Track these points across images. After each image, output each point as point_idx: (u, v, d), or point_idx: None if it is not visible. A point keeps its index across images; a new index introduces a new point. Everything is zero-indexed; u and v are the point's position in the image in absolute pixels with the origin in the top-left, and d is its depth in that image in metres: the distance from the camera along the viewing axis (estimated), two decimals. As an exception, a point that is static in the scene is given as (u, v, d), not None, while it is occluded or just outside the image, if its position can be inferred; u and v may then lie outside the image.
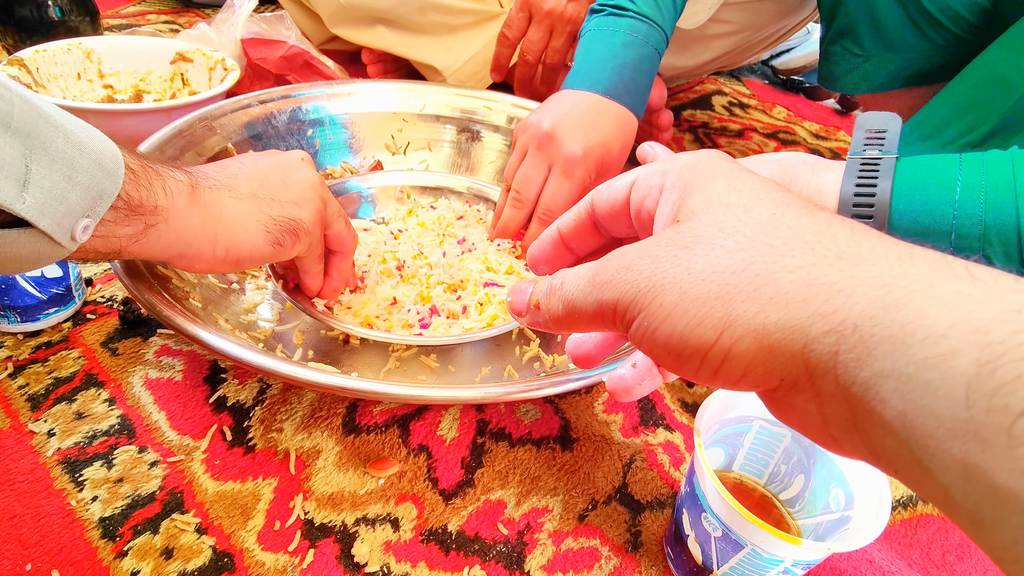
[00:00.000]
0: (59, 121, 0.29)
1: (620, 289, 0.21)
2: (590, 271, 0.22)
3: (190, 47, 0.76)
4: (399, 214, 0.64)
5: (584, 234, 0.28)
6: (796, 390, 0.18)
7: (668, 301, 0.19)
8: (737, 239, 0.19)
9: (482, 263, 0.56)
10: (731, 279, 0.18)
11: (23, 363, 0.44)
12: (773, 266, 0.18)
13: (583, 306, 0.22)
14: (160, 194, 0.33)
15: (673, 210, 0.22)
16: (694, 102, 1.10)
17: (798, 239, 0.19)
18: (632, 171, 0.25)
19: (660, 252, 0.20)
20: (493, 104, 0.73)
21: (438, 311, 0.52)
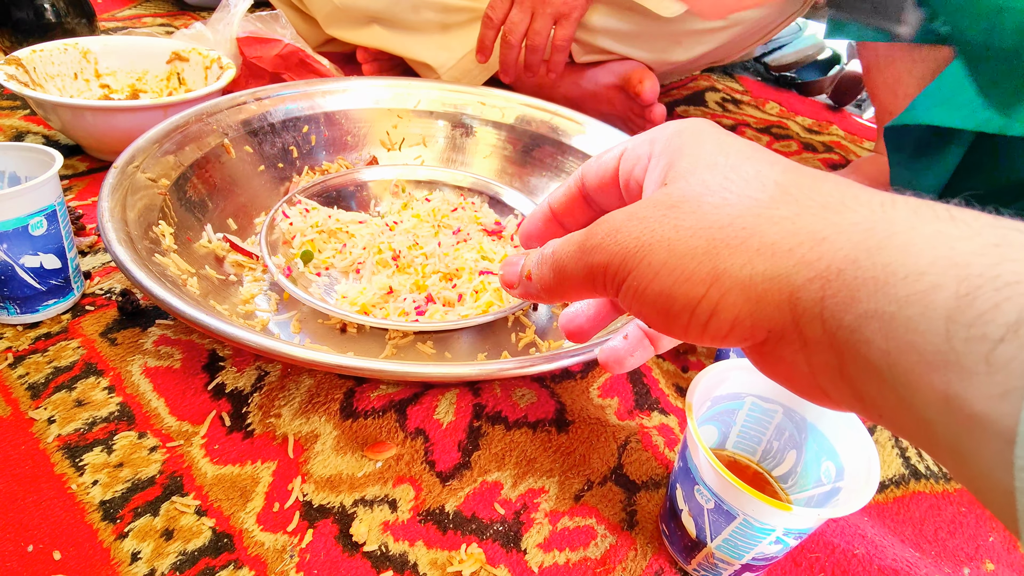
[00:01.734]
0: None
1: (609, 251, 0.21)
2: (579, 237, 0.23)
3: (186, 46, 0.76)
4: (394, 207, 0.65)
5: (575, 208, 0.28)
6: (784, 341, 0.18)
7: (656, 260, 0.20)
8: (724, 195, 0.20)
9: (477, 252, 0.57)
10: (718, 234, 0.19)
11: (23, 353, 0.45)
12: (759, 219, 0.19)
13: (574, 272, 0.23)
14: None
15: (661, 175, 0.22)
16: (687, 98, 1.11)
17: (783, 192, 0.19)
18: (620, 142, 0.26)
19: (648, 213, 0.21)
20: (486, 99, 0.74)
21: (434, 299, 0.52)
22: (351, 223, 0.59)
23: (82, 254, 0.54)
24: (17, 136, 0.71)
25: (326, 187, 0.62)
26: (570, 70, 0.93)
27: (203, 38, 0.77)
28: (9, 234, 0.43)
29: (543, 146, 0.72)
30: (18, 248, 0.43)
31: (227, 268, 0.53)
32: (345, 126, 0.71)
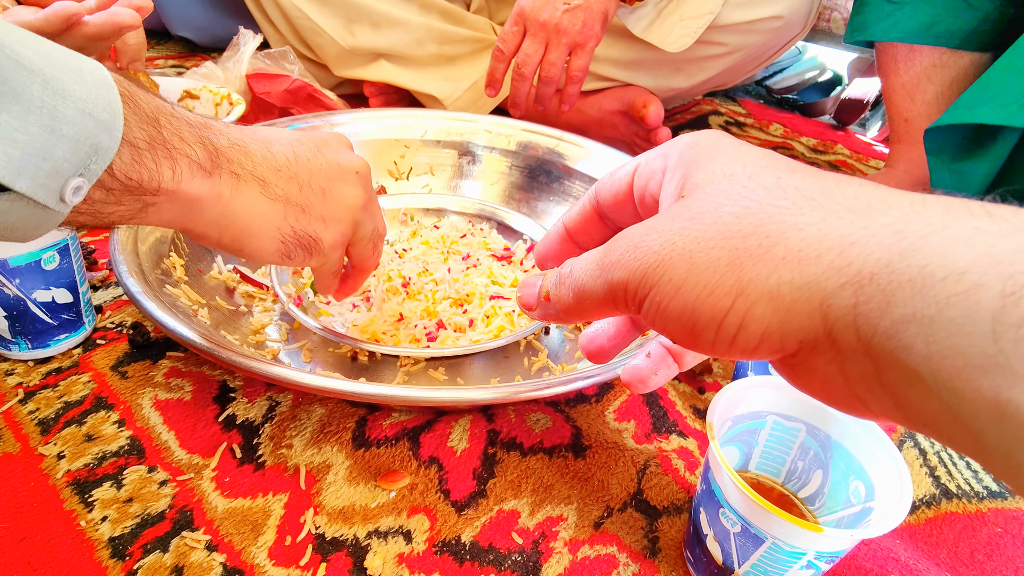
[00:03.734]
0: (35, 65, 0.24)
1: (629, 268, 0.20)
2: (598, 254, 0.22)
3: (197, 84, 0.78)
4: (403, 236, 0.65)
5: (590, 227, 0.28)
6: (816, 351, 0.18)
7: (678, 274, 0.19)
8: (744, 204, 0.19)
9: (487, 277, 0.57)
10: (741, 243, 0.18)
11: (33, 389, 0.44)
12: (783, 226, 0.18)
13: (593, 290, 0.22)
14: (167, 175, 0.28)
15: (677, 188, 0.22)
16: (690, 122, 1.12)
17: (806, 198, 0.19)
18: (634, 158, 0.26)
19: (667, 226, 0.20)
20: (492, 127, 0.75)
21: (445, 325, 0.52)
22: (361, 252, 0.59)
23: (94, 289, 0.54)
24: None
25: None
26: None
27: (214, 76, 0.79)
28: (21, 269, 0.43)
29: (549, 171, 0.72)
30: (30, 283, 0.43)
31: (237, 299, 0.53)
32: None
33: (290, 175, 0.35)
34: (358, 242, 0.41)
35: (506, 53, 0.74)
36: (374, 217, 0.41)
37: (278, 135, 0.36)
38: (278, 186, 0.34)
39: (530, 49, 0.72)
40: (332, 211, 0.37)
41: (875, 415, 0.18)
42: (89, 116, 0.25)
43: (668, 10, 0.83)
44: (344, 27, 0.87)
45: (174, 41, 1.23)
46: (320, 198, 0.36)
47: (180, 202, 0.30)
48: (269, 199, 0.34)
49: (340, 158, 0.38)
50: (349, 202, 0.38)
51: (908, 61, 0.68)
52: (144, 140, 0.27)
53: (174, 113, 0.30)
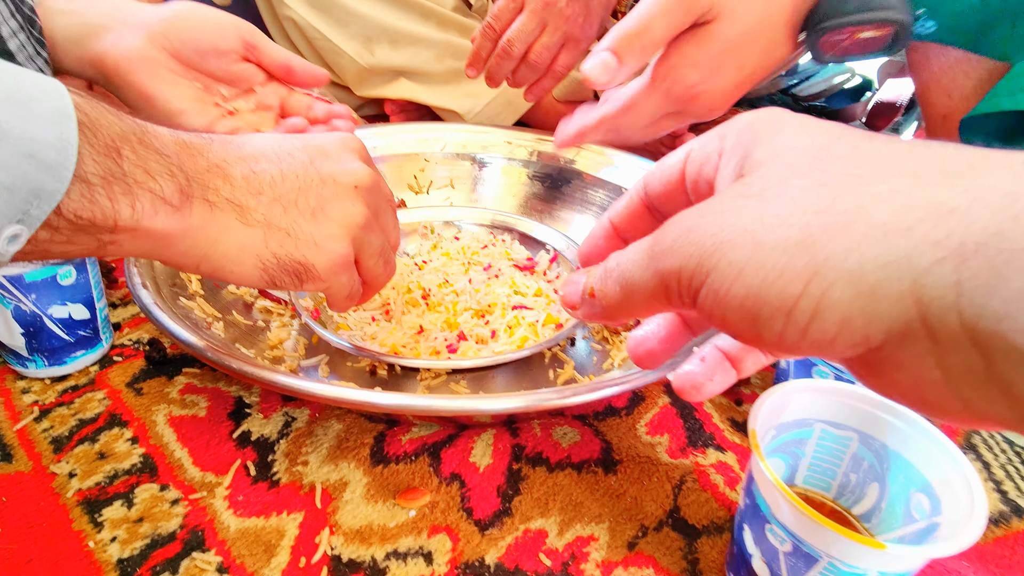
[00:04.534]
0: None
1: (683, 253, 0.18)
2: (647, 243, 0.20)
3: (219, 106, 0.79)
4: (423, 249, 0.64)
5: (638, 221, 0.25)
6: (907, 342, 0.15)
7: (740, 256, 0.17)
8: (815, 176, 0.17)
9: (509, 287, 0.55)
10: (813, 219, 0.16)
11: (48, 407, 0.44)
12: (863, 196, 0.16)
13: (643, 282, 0.20)
14: (124, 213, 0.26)
15: (736, 169, 0.20)
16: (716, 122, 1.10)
17: (889, 164, 0.16)
18: (685, 144, 0.23)
19: (725, 206, 0.18)
20: (512, 138, 0.74)
21: (466, 337, 0.50)
22: (381, 264, 0.58)
23: (113, 306, 0.54)
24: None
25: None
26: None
27: (235, 97, 0.79)
28: (38, 284, 0.42)
29: (570, 180, 0.70)
30: (47, 298, 0.43)
31: (255, 314, 0.52)
32: (373, 172, 0.71)
33: (274, 196, 0.32)
34: (365, 259, 0.37)
35: (496, 30, 0.66)
36: (383, 231, 0.38)
37: (268, 147, 0.33)
38: (258, 211, 0.31)
39: (525, 27, 0.64)
40: (325, 231, 0.34)
41: (981, 418, 0.15)
42: (30, 158, 0.23)
43: None
44: (363, 46, 0.87)
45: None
46: (309, 219, 0.33)
47: (143, 237, 0.27)
48: (247, 225, 0.31)
49: (337, 171, 0.35)
50: (345, 221, 0.34)
51: (940, 55, 0.65)
52: (98, 175, 0.25)
53: (143, 140, 0.27)
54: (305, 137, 0.36)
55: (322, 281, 0.35)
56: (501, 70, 0.67)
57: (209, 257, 0.30)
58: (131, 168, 0.26)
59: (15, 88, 0.23)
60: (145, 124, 0.28)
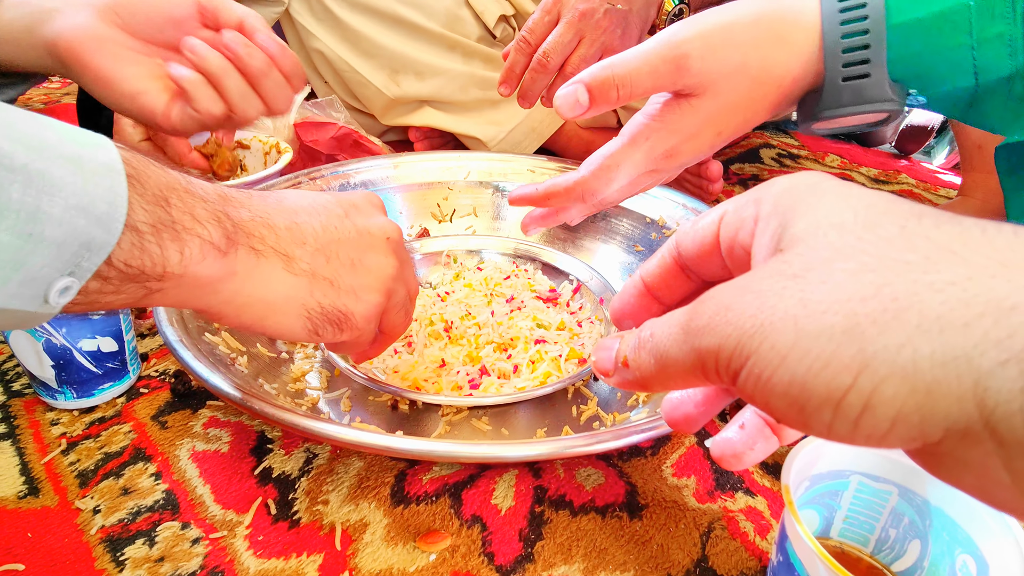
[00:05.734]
0: (19, 160, 0.22)
1: (721, 333, 0.18)
2: (683, 317, 0.19)
3: (247, 135, 0.80)
4: (446, 278, 0.64)
5: (671, 280, 0.25)
6: (969, 441, 0.14)
7: (782, 341, 0.16)
8: (861, 259, 0.16)
9: (532, 320, 0.54)
10: (860, 307, 0.15)
11: (76, 439, 0.44)
12: (915, 285, 0.15)
13: (678, 358, 0.19)
14: (173, 259, 0.26)
15: (773, 240, 0.19)
16: (741, 156, 1.09)
17: (942, 250, 0.15)
18: (720, 204, 0.23)
19: (764, 286, 0.17)
20: (535, 167, 0.74)
21: (488, 371, 0.50)
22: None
23: (141, 337, 0.55)
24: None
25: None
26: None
27: (263, 126, 0.81)
28: (69, 318, 0.43)
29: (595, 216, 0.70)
30: (77, 332, 0.44)
31: (279, 345, 0.52)
32: (397, 201, 0.71)
33: (317, 247, 0.33)
34: (390, 309, 0.38)
35: (531, 44, 0.62)
36: (407, 282, 0.39)
37: (304, 202, 0.34)
38: (303, 260, 0.32)
39: (562, 38, 0.60)
40: (363, 282, 0.35)
41: None
42: (81, 211, 0.23)
43: None
44: (389, 77, 0.88)
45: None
46: (349, 269, 0.34)
47: (189, 285, 0.28)
48: (293, 274, 0.32)
49: (370, 224, 0.36)
50: (381, 272, 0.35)
51: None
52: (148, 224, 0.25)
53: (188, 189, 0.28)
54: (334, 193, 0.37)
55: (357, 330, 0.35)
56: (536, 85, 0.64)
57: (252, 306, 0.31)
58: (179, 215, 0.27)
59: (64, 143, 0.24)
60: (188, 176, 0.29)
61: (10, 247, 0.22)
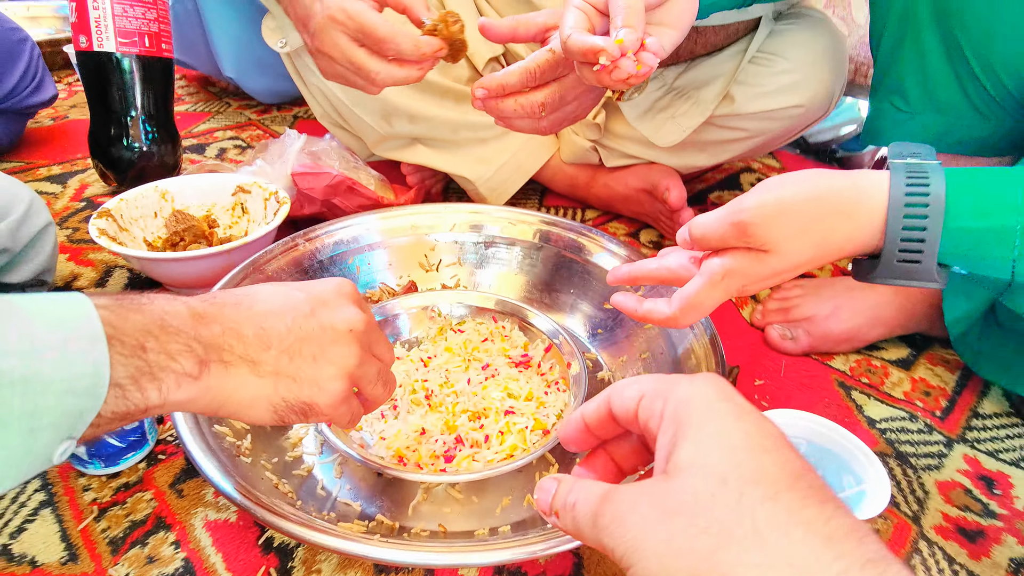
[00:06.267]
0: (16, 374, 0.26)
1: (613, 538, 0.25)
2: (595, 507, 0.27)
3: (248, 180, 0.85)
4: (431, 332, 0.70)
5: (605, 425, 0.32)
6: None
7: (650, 568, 0.23)
8: (707, 520, 0.23)
9: (503, 390, 0.61)
10: (700, 564, 0.23)
11: (105, 506, 0.51)
12: (736, 560, 0.22)
13: (587, 538, 0.27)
14: (153, 397, 0.31)
15: (666, 451, 0.26)
16: (721, 182, 1.13)
17: (756, 533, 0.23)
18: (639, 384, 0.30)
19: (648, 513, 0.25)
20: (515, 219, 0.79)
21: (463, 440, 0.56)
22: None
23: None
24: (107, 271, 0.81)
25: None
26: (602, 173, 0.97)
27: (264, 172, 0.86)
28: (96, 408, 0.50)
29: (570, 265, 0.75)
30: (103, 417, 0.50)
31: (279, 411, 0.59)
32: (387, 255, 0.77)
33: (281, 349, 0.37)
34: (364, 387, 0.43)
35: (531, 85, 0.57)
36: (378, 359, 0.43)
37: (275, 303, 0.38)
38: (268, 363, 0.36)
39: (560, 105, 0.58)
40: (326, 374, 0.39)
41: None
42: (71, 392, 0.27)
43: (661, 103, 0.85)
44: (382, 118, 0.92)
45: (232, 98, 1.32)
46: (311, 364, 0.38)
47: (170, 407, 0.33)
48: (259, 377, 0.36)
49: (336, 318, 0.40)
50: (343, 362, 0.39)
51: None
52: (128, 376, 0.30)
53: (164, 326, 0.32)
54: (306, 287, 0.41)
55: (325, 416, 0.40)
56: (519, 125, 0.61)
57: (224, 406, 0.36)
58: (155, 357, 0.31)
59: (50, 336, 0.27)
60: (164, 309, 0.33)
61: (19, 446, 0.27)
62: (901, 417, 0.65)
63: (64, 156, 1.10)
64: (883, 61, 0.65)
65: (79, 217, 0.93)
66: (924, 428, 0.64)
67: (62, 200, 0.97)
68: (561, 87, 0.57)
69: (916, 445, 0.62)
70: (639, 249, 0.91)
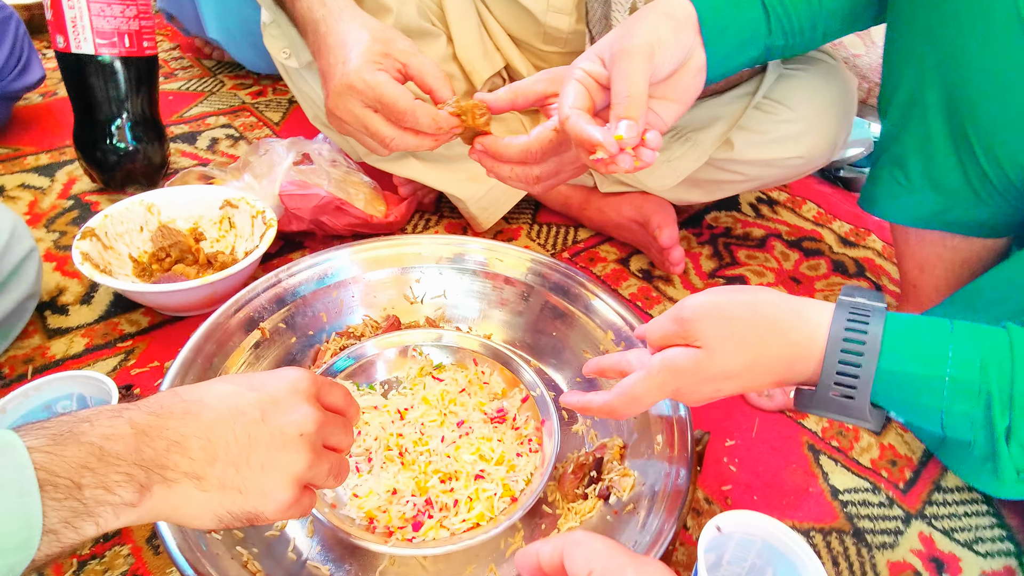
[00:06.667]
0: None
1: None
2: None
3: (236, 195, 0.84)
4: (411, 374, 0.71)
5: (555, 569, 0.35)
6: None
7: None
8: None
9: (475, 452, 0.62)
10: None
11: (84, 559, 0.53)
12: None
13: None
14: (89, 531, 0.31)
15: None
16: (719, 203, 1.11)
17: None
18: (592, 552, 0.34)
19: None
20: (502, 255, 0.78)
21: (432, 503, 0.58)
22: (367, 409, 0.65)
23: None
24: (92, 285, 0.81)
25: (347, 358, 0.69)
26: (595, 197, 0.96)
27: (252, 188, 0.85)
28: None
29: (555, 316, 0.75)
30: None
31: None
32: (371, 288, 0.77)
33: (227, 461, 0.36)
34: (316, 483, 0.42)
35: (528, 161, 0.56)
36: (332, 453, 0.43)
37: (223, 408, 0.37)
38: (213, 477, 0.36)
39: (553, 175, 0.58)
40: (273, 482, 0.38)
41: None
42: (1, 554, 0.28)
43: None
44: (374, 131, 0.90)
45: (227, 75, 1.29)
46: (259, 474, 0.37)
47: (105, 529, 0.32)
48: (203, 491, 0.36)
49: (286, 424, 0.39)
50: (291, 469, 0.39)
51: (918, 238, 0.67)
52: (63, 521, 0.30)
53: (103, 456, 0.31)
54: (260, 385, 0.40)
55: (272, 521, 0.40)
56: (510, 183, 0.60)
57: (169, 519, 0.37)
58: (92, 493, 0.31)
59: None
60: (105, 434, 0.32)
61: None
62: (865, 488, 0.67)
63: (53, 141, 1.08)
64: (888, 131, 0.64)
65: (66, 219, 0.92)
66: (885, 502, 0.66)
67: (49, 197, 0.96)
68: (559, 162, 0.56)
69: (875, 520, 0.64)
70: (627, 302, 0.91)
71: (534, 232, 1.00)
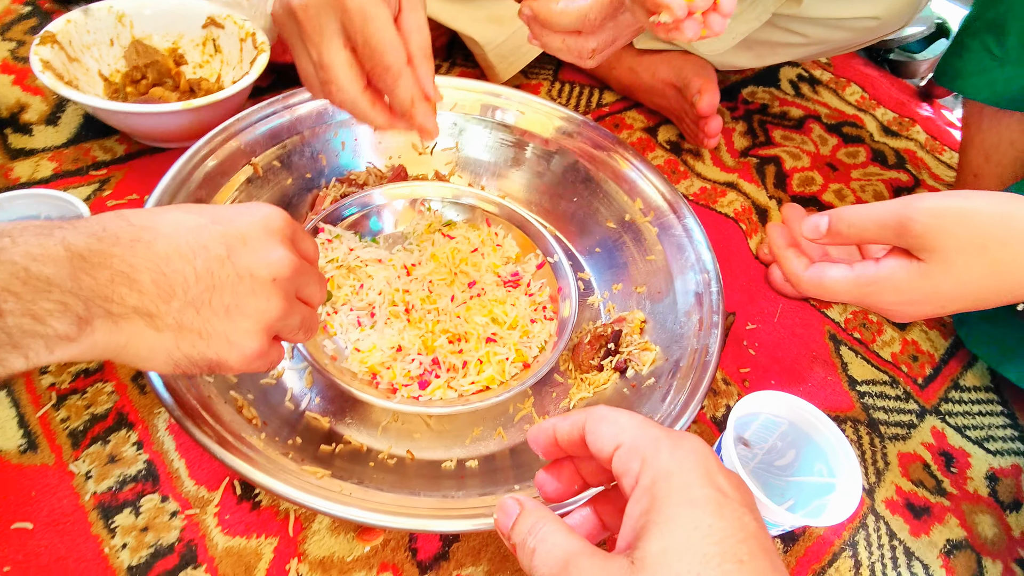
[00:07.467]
0: None
1: None
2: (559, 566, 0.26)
3: (221, 12, 0.73)
4: (418, 229, 0.65)
5: (574, 446, 0.31)
6: None
7: None
8: None
9: (488, 314, 0.57)
10: None
11: (64, 392, 0.50)
12: None
13: None
14: (19, 364, 0.27)
15: (635, 525, 0.26)
16: (758, 76, 1.01)
17: None
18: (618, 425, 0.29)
19: None
20: (527, 108, 0.70)
21: (439, 363, 0.54)
22: (370, 261, 0.60)
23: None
24: (59, 104, 0.72)
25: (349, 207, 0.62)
26: (628, 54, 0.85)
27: (240, 5, 0.73)
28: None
29: (578, 180, 0.68)
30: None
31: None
32: (377, 132, 0.69)
33: (186, 300, 0.31)
34: (284, 335, 0.38)
35: None
36: (305, 305, 0.39)
37: (182, 242, 0.32)
38: (168, 316, 0.31)
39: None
40: (239, 328, 0.34)
41: None
42: None
43: None
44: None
45: None
46: (223, 318, 0.33)
47: (47, 364, 0.28)
48: (156, 331, 0.31)
49: (255, 265, 0.34)
50: (261, 316, 0.34)
51: (994, 121, 0.59)
52: None
53: (28, 279, 0.27)
54: (226, 219, 0.34)
55: (236, 371, 0.35)
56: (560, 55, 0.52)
57: (118, 356, 0.32)
58: (16, 320, 0.26)
59: None
60: (32, 253, 0.27)
61: None
62: (883, 381, 0.65)
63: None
64: None
65: (24, 27, 0.80)
66: (902, 395, 0.64)
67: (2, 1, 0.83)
68: (616, 29, 0.47)
69: (890, 412, 0.63)
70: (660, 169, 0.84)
71: (555, 91, 0.91)
